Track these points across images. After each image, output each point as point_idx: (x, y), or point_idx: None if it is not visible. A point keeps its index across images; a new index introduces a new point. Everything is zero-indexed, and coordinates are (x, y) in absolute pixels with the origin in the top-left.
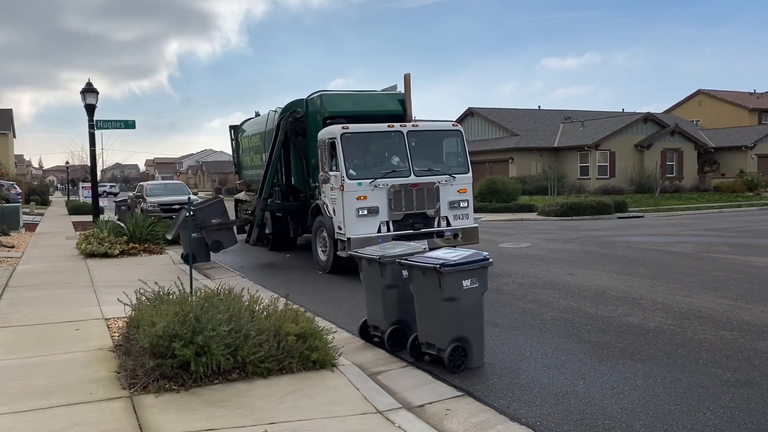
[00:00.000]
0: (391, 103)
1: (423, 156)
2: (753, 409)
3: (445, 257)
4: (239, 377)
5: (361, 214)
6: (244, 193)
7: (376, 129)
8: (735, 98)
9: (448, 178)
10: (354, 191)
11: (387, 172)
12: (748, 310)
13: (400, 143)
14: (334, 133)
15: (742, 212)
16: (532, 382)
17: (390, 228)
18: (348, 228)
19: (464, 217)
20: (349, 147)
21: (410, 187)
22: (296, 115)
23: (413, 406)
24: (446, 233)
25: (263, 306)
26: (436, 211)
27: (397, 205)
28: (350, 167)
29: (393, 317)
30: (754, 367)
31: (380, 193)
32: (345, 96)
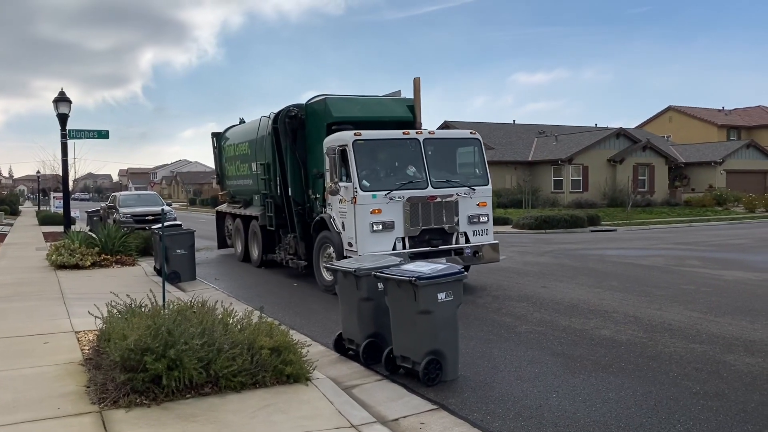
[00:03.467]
0: (399, 108)
1: (440, 166)
2: (722, 421)
3: (420, 270)
4: (212, 391)
5: (376, 229)
6: (227, 205)
7: (390, 136)
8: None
9: (467, 191)
10: (368, 204)
11: (403, 184)
12: (716, 323)
13: (416, 152)
14: (346, 140)
15: (711, 226)
16: (506, 395)
17: (406, 245)
18: (361, 244)
19: (484, 233)
20: (362, 155)
21: (427, 199)
22: (295, 121)
23: (388, 420)
24: (466, 251)
25: (237, 319)
26: (454, 227)
27: (413, 220)
28: (363, 177)
29: (368, 330)
30: (722, 380)
31: (396, 206)
32: (351, 100)
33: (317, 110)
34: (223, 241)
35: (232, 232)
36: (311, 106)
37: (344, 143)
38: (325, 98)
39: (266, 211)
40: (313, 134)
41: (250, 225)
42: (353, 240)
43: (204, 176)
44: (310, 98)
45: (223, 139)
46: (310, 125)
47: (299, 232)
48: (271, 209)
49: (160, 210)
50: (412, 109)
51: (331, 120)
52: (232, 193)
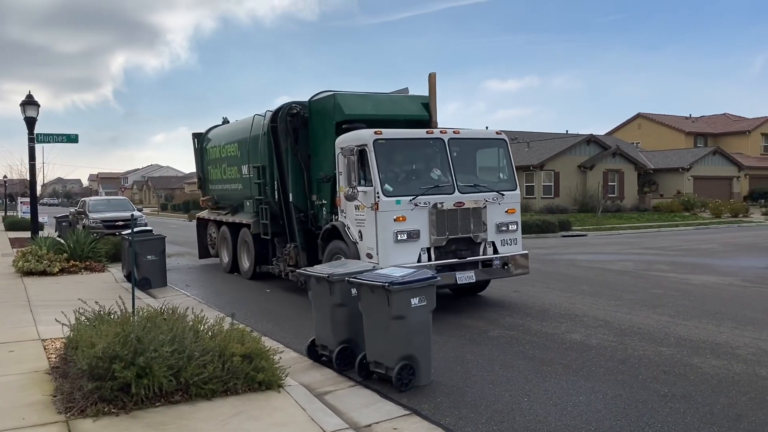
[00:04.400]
0: (414, 106)
1: (466, 169)
2: (689, 423)
3: (393, 275)
4: (182, 399)
5: (400, 239)
6: (210, 212)
7: (413, 135)
8: (672, 122)
9: (495, 196)
10: (391, 211)
11: (428, 188)
12: (684, 326)
13: (441, 153)
14: (365, 140)
15: (679, 231)
16: (478, 400)
17: (431, 256)
18: (383, 256)
19: (513, 243)
20: (383, 156)
21: (454, 206)
22: (297, 120)
23: (360, 426)
24: (494, 262)
25: (208, 326)
26: (483, 236)
27: (440, 229)
28: (385, 181)
29: (341, 336)
30: (689, 382)
31: (421, 213)
32: (363, 97)
33: (324, 107)
34: (205, 250)
35: (216, 241)
36: (317, 103)
37: (363, 143)
38: (334, 94)
39: (260, 218)
40: (318, 134)
41: (240, 233)
42: (373, 251)
43: (176, 181)
44: (313, 95)
45: (205, 140)
46: (315, 124)
47: (301, 241)
48: (267, 216)
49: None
50: (427, 106)
51: (342, 118)
52: (216, 199)
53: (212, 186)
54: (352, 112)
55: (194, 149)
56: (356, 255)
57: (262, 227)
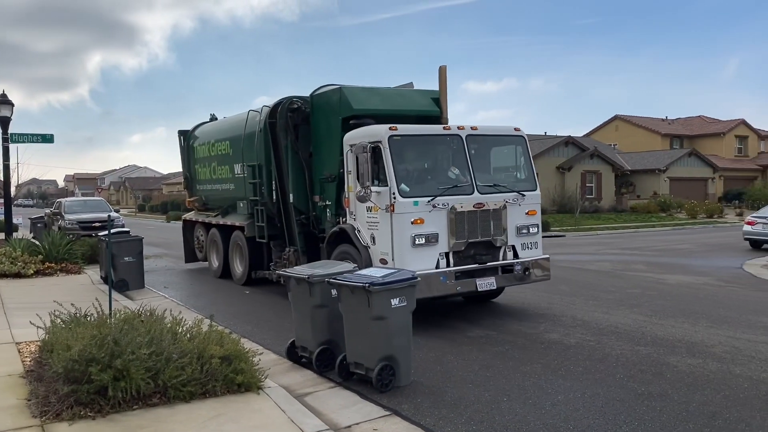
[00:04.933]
0: (424, 101)
1: (484, 167)
2: (665, 421)
3: (373, 276)
4: (160, 402)
5: (418, 243)
6: (197, 213)
7: (429, 131)
8: (649, 124)
9: (516, 197)
10: (408, 213)
11: (447, 188)
12: (661, 325)
13: (458, 151)
14: (379, 136)
15: (655, 232)
16: (458, 400)
17: (450, 261)
18: (399, 261)
19: (533, 246)
20: (399, 154)
21: (474, 207)
22: (298, 116)
23: (340, 427)
24: (516, 267)
25: (186, 328)
26: (503, 239)
27: (459, 232)
28: (402, 181)
29: (321, 337)
30: (666, 381)
31: (439, 215)
32: (371, 91)
33: (329, 102)
34: (191, 253)
35: (204, 244)
36: (320, 98)
37: (377, 139)
38: (340, 87)
39: (256, 220)
40: (321, 130)
41: (232, 236)
42: (388, 256)
43: (154, 182)
44: (315, 89)
45: (192, 138)
46: (318, 120)
47: (301, 245)
48: (262, 218)
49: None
50: (437, 101)
51: (350, 113)
52: (204, 200)
53: (200, 186)
54: (360, 106)
55: (180, 147)
56: (368, 260)
57: (258, 230)
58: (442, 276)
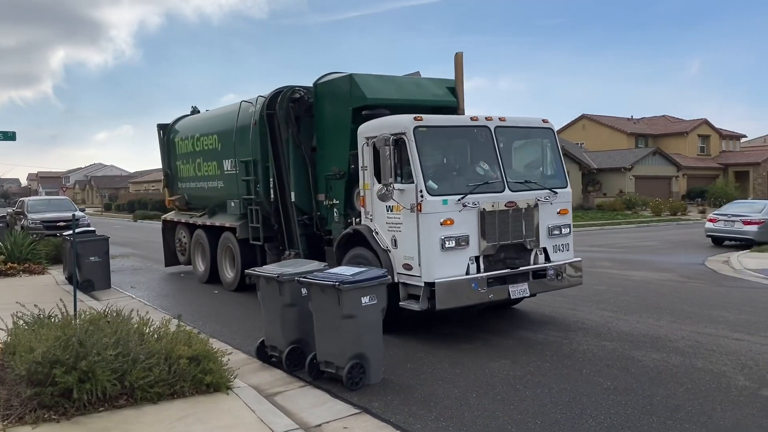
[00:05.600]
0: (440, 90)
1: (513, 162)
2: (630, 414)
3: (343, 274)
4: (127, 403)
5: (448, 246)
6: (177, 213)
7: (456, 122)
8: (615, 123)
9: (548, 194)
10: (437, 212)
11: (477, 185)
12: (626, 321)
13: (487, 144)
14: (402, 127)
15: (621, 229)
16: (428, 397)
17: (480, 266)
18: (428, 267)
19: (565, 249)
20: (425, 147)
21: (505, 206)
22: (300, 106)
23: (310, 426)
24: (548, 272)
25: (154, 328)
26: (535, 241)
27: (490, 234)
28: (429, 177)
29: (291, 336)
30: (631, 375)
31: (469, 215)
32: (383, 79)
33: (337, 91)
34: (173, 256)
35: (188, 247)
36: (326, 87)
37: (400, 131)
38: (350, 75)
39: (249, 220)
40: (327, 122)
41: (221, 238)
42: (413, 261)
43: (120, 180)
44: (319, 77)
45: (172, 132)
46: (324, 110)
47: (303, 248)
48: (257, 219)
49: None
50: (453, 91)
51: (362, 103)
52: (187, 198)
53: (183, 184)
54: (375, 95)
55: (160, 142)
56: (388, 265)
57: (252, 231)
58: (474, 282)
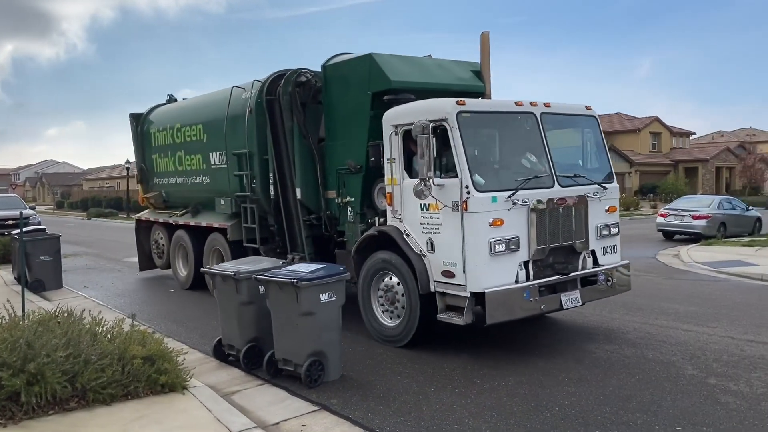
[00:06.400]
0: (465, 74)
1: (560, 153)
2: (584, 405)
3: (301, 271)
4: (79, 406)
5: (498, 250)
6: (152, 212)
7: (501, 107)
8: None
9: (597, 190)
10: (485, 211)
11: (526, 180)
12: (580, 314)
13: (532, 132)
14: (444, 112)
15: None
16: (386, 392)
17: (529, 273)
18: (475, 274)
19: (613, 250)
20: (469, 137)
21: (556, 203)
22: (307, 91)
23: (268, 424)
24: (599, 278)
25: (107, 328)
26: (585, 243)
27: (540, 235)
28: (476, 171)
29: (249, 335)
30: (584, 366)
31: (519, 214)
32: (405, 60)
33: (353, 73)
34: (148, 260)
35: (167, 249)
36: (338, 69)
37: (441, 117)
38: (370, 55)
39: (243, 220)
40: (340, 109)
41: (208, 240)
42: (456, 267)
43: (73, 177)
44: (328, 59)
45: (147, 123)
46: (335, 96)
47: (308, 251)
48: (252, 218)
49: (20, 213)
50: (478, 74)
51: (385, 86)
52: (165, 196)
53: (160, 179)
54: (399, 78)
55: (132, 134)
56: (423, 272)
57: (246, 232)
58: (526, 292)
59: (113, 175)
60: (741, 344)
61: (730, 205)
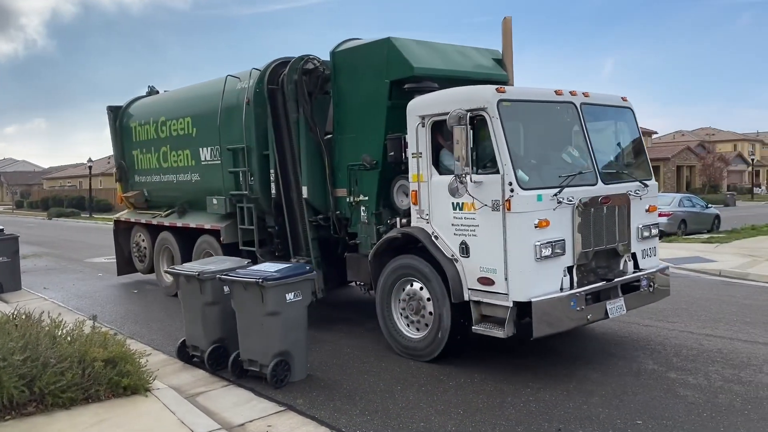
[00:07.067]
0: (486, 62)
1: (601, 147)
2: (548, 401)
3: (267, 271)
4: (37, 410)
5: (544, 254)
6: (132, 212)
7: (542, 96)
8: None
9: (638, 187)
10: (531, 211)
11: (571, 176)
12: None
13: (573, 124)
14: (483, 100)
15: None
16: (353, 391)
17: (574, 279)
18: (519, 282)
19: (653, 253)
20: (510, 128)
21: (601, 202)
22: (315, 81)
23: (233, 425)
24: (642, 283)
25: (67, 330)
26: (627, 245)
27: (585, 237)
28: (519, 166)
29: (214, 335)
30: (548, 363)
31: (563, 214)
32: (426, 46)
33: (370, 59)
34: (127, 264)
35: (149, 252)
36: (350, 55)
37: (480, 106)
38: (388, 39)
39: (240, 221)
40: (352, 99)
41: (198, 243)
42: (496, 274)
43: (33, 177)
44: (337, 44)
45: (126, 116)
46: (347, 85)
47: (314, 254)
48: (250, 219)
49: None
50: (500, 63)
51: (407, 74)
52: (147, 195)
53: (141, 177)
54: (422, 65)
55: (110, 129)
56: (455, 279)
57: (242, 234)
58: (573, 300)
59: (75, 174)
60: (700, 338)
61: (690, 202)
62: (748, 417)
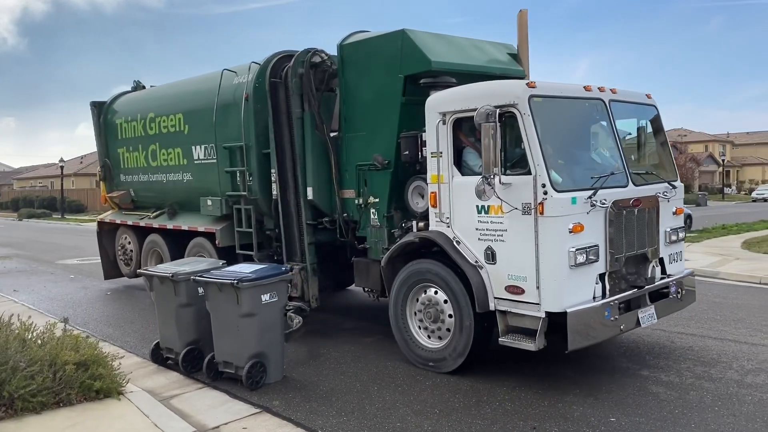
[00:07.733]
0: (502, 56)
1: (629, 147)
2: (523, 398)
3: (242, 272)
4: (6, 415)
5: (579, 262)
6: (116, 213)
7: (572, 93)
8: None
9: (666, 189)
10: (566, 215)
11: (604, 177)
12: None
13: (603, 122)
14: (513, 96)
15: None
16: (329, 392)
17: (606, 287)
18: (553, 291)
19: (679, 258)
20: (544, 126)
21: (632, 205)
22: (321, 75)
23: (208, 428)
24: (671, 290)
25: (37, 333)
26: (656, 250)
27: (617, 242)
28: (552, 166)
29: (188, 337)
30: (523, 362)
31: (596, 218)
32: (442, 39)
33: (381, 53)
34: (113, 266)
35: (135, 256)
36: (360, 48)
37: (510, 102)
38: (403, 31)
39: (237, 224)
40: (362, 94)
41: (190, 246)
42: (527, 282)
43: (3, 177)
44: (344, 37)
45: (111, 112)
46: (356, 80)
47: (310, 260)
48: (248, 221)
49: None
50: (516, 57)
51: (423, 68)
52: (134, 195)
53: (128, 176)
54: (440, 59)
55: (94, 125)
56: (480, 287)
57: (239, 237)
58: (607, 310)
59: (46, 174)
60: (672, 336)
61: None
62: (718, 413)
